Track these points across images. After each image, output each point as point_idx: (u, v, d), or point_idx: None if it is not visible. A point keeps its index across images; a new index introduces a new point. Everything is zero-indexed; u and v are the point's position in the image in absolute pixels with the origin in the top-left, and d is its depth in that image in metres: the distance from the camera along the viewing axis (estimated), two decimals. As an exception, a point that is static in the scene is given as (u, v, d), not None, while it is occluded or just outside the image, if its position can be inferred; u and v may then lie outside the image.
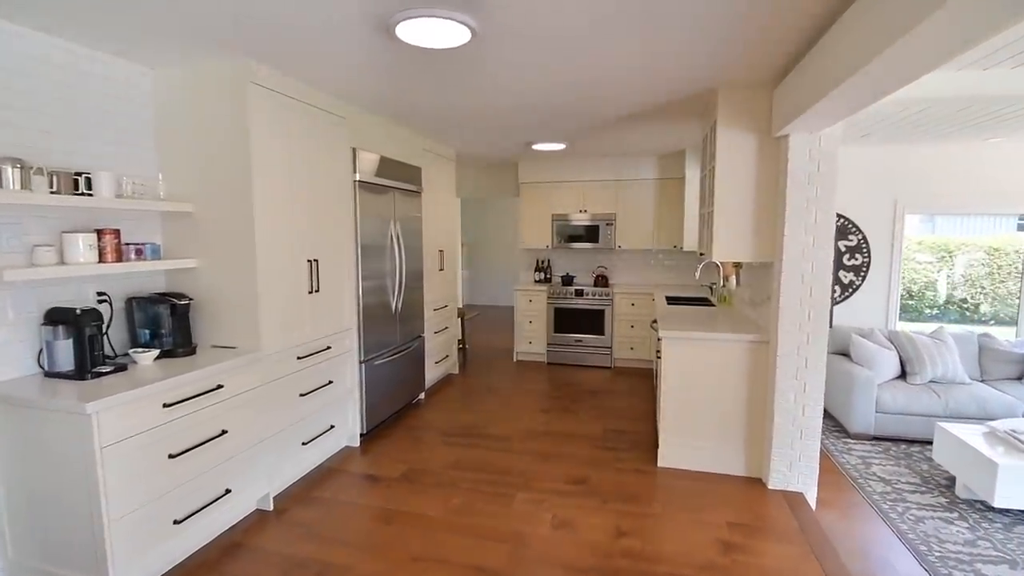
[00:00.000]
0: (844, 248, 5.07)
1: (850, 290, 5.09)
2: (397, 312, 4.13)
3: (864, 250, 5.03)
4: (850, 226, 5.04)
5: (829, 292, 2.91)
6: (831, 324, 4.87)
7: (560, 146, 5.11)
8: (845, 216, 5.04)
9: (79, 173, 2.27)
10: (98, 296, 2.48)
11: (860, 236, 5.03)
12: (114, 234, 2.40)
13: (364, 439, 3.77)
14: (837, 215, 4.85)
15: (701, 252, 3.98)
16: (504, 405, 4.63)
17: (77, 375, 2.20)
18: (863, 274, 5.05)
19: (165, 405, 2.18)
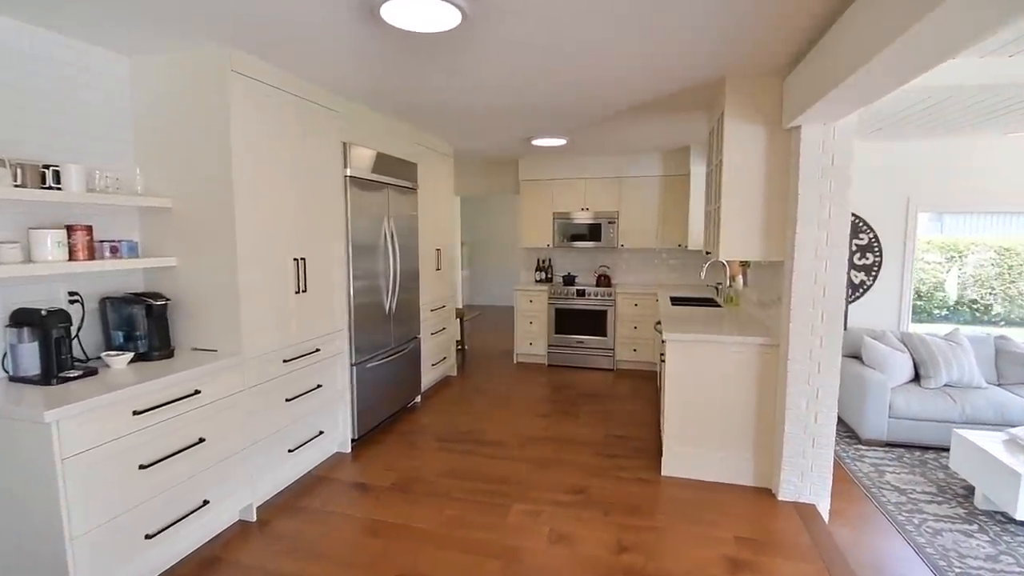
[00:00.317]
0: (855, 247, 4.90)
1: (861, 290, 4.92)
2: (391, 313, 3.99)
3: (876, 249, 4.86)
4: (861, 224, 4.87)
5: (844, 293, 2.75)
6: (845, 326, 4.70)
7: (561, 141, 4.96)
8: (856, 214, 4.86)
9: (47, 166, 2.14)
10: (70, 296, 2.35)
11: (871, 234, 4.86)
12: (86, 230, 2.27)
13: (356, 445, 3.63)
14: (848, 213, 4.69)
15: (707, 251, 3.82)
16: (503, 409, 4.48)
17: (43, 380, 2.06)
18: (874, 274, 4.88)
19: (135, 412, 2.04)
